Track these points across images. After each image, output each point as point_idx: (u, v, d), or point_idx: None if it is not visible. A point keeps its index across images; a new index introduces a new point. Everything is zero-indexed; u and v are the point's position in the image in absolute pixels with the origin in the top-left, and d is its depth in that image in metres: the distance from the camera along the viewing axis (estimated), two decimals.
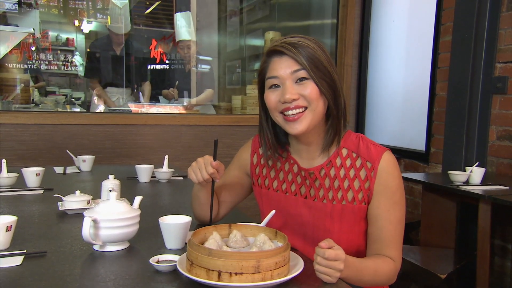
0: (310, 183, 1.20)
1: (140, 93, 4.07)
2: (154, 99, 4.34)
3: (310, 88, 1.09)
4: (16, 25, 3.85)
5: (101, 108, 3.81)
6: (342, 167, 1.17)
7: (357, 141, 1.18)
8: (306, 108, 1.11)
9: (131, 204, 1.18)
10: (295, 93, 1.09)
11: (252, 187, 1.33)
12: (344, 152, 1.18)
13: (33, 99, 4.06)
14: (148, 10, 5.11)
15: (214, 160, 1.16)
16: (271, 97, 1.13)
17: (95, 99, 3.85)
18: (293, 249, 1.03)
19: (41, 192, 1.77)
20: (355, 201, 1.15)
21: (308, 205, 1.19)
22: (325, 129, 1.18)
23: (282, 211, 1.23)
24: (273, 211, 1.18)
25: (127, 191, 1.76)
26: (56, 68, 4.03)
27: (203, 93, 4.16)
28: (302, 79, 1.10)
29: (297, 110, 1.10)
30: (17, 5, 3.83)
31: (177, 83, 4.13)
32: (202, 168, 1.15)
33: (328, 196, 1.17)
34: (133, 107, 3.88)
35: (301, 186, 1.21)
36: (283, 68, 1.10)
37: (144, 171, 2.04)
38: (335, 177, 1.16)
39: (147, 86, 4.12)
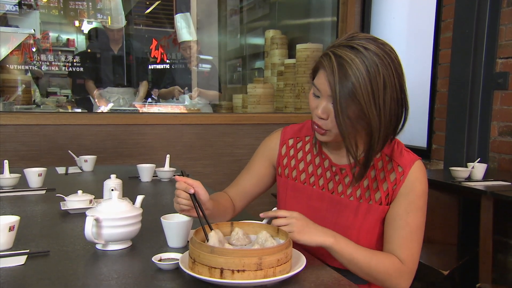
0: (339, 179, 1.21)
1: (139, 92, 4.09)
2: (158, 99, 4.35)
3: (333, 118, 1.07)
4: (17, 26, 3.85)
5: (102, 108, 3.82)
6: (374, 168, 1.17)
7: (392, 145, 1.18)
8: (329, 130, 1.10)
9: (133, 203, 1.18)
10: (325, 113, 1.08)
11: (276, 177, 1.33)
12: (378, 154, 1.17)
13: (34, 100, 4.07)
14: (148, 10, 5.10)
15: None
16: (311, 102, 1.13)
17: (97, 100, 3.86)
18: (297, 246, 1.03)
19: (43, 192, 1.77)
20: (381, 202, 1.16)
21: (334, 200, 1.20)
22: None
23: (306, 204, 1.24)
24: (275, 208, 1.18)
25: (129, 191, 1.76)
26: (57, 69, 4.03)
27: (210, 91, 4.18)
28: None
29: (322, 129, 1.11)
30: (17, 6, 3.83)
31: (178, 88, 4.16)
32: (177, 194, 1.11)
33: (356, 194, 1.18)
34: (135, 107, 3.89)
35: (329, 181, 1.22)
36: (323, 87, 1.07)
37: (145, 171, 2.05)
38: (365, 176, 1.16)
39: (143, 86, 4.13)
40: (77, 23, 4.52)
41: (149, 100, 4.10)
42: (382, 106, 1.04)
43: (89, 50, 4.34)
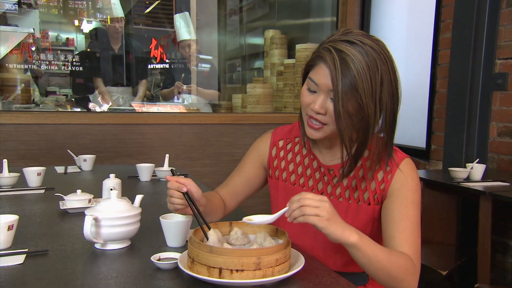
0: (328, 180, 1.20)
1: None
2: (157, 99, 4.36)
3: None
4: (16, 25, 3.85)
5: (104, 107, 3.82)
6: (362, 168, 1.16)
7: (381, 144, 1.16)
8: (326, 124, 1.09)
9: (132, 203, 1.18)
10: (323, 108, 1.07)
11: (268, 179, 1.33)
12: (366, 153, 1.16)
13: (33, 99, 4.06)
14: (148, 10, 5.11)
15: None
16: (305, 98, 1.11)
17: (100, 98, 3.86)
18: (295, 246, 1.03)
19: (42, 191, 1.77)
20: (369, 203, 1.15)
21: None
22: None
23: None
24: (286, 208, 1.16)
25: (128, 190, 1.76)
26: (56, 68, 4.03)
27: (208, 90, 4.19)
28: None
29: (319, 123, 1.10)
30: (17, 5, 3.83)
31: (183, 75, 4.14)
32: (170, 194, 1.11)
33: (345, 195, 1.17)
34: (134, 106, 3.89)
35: (318, 182, 1.22)
36: (324, 81, 1.06)
37: (145, 170, 2.05)
38: (353, 176, 1.16)
39: (142, 85, 4.13)
40: (76, 23, 4.52)
41: (177, 100, 4.10)
42: (378, 101, 1.05)
43: (88, 50, 4.34)
